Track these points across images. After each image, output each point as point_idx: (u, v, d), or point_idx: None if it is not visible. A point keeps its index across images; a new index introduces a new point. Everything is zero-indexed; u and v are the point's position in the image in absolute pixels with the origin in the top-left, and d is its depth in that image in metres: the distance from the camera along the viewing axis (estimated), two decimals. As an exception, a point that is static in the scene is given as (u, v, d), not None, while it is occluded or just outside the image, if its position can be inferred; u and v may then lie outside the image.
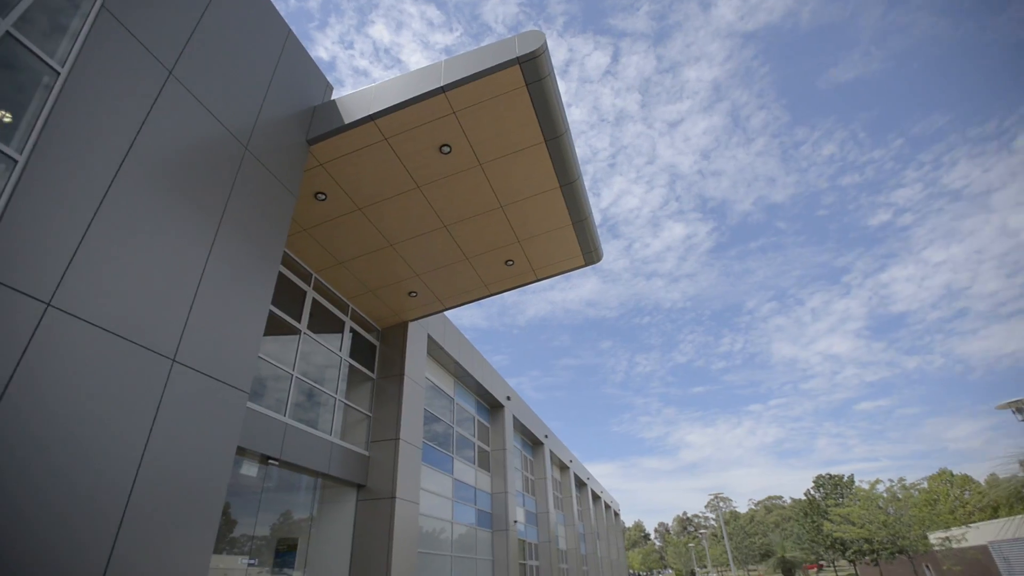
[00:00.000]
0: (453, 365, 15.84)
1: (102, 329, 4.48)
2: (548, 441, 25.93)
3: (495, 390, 18.71)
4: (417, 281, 11.20)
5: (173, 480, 4.86)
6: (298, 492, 10.16)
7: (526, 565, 20.38)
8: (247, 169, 6.55)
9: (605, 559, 39.84)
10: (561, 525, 27.61)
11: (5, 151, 4.12)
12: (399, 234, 9.74)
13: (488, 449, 18.73)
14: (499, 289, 11.70)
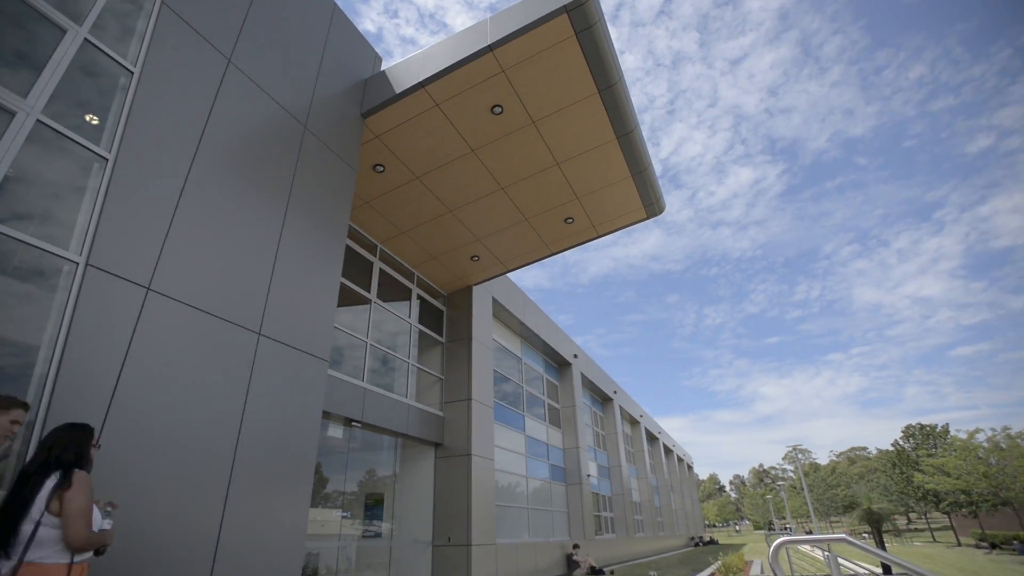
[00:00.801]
0: (519, 326, 16.07)
1: (196, 308, 4.87)
2: (617, 397, 26.03)
3: (561, 349, 18.86)
4: (478, 245, 11.32)
5: (269, 443, 5.30)
6: (381, 451, 10.83)
7: (600, 517, 20.89)
8: (308, 147, 6.77)
9: (680, 511, 40.10)
10: (633, 478, 27.93)
11: (97, 151, 4.47)
12: (457, 200, 9.82)
13: (558, 406, 19.06)
14: (560, 248, 11.62)
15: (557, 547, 15.05)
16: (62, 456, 2.61)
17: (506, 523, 12.89)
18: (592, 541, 17.49)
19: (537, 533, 14.69)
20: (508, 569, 11.69)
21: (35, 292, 3.98)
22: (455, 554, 10.32)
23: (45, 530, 2.33)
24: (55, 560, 2.31)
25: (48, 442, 2.67)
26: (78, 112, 4.48)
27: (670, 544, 31.67)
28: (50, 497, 2.40)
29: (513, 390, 15.65)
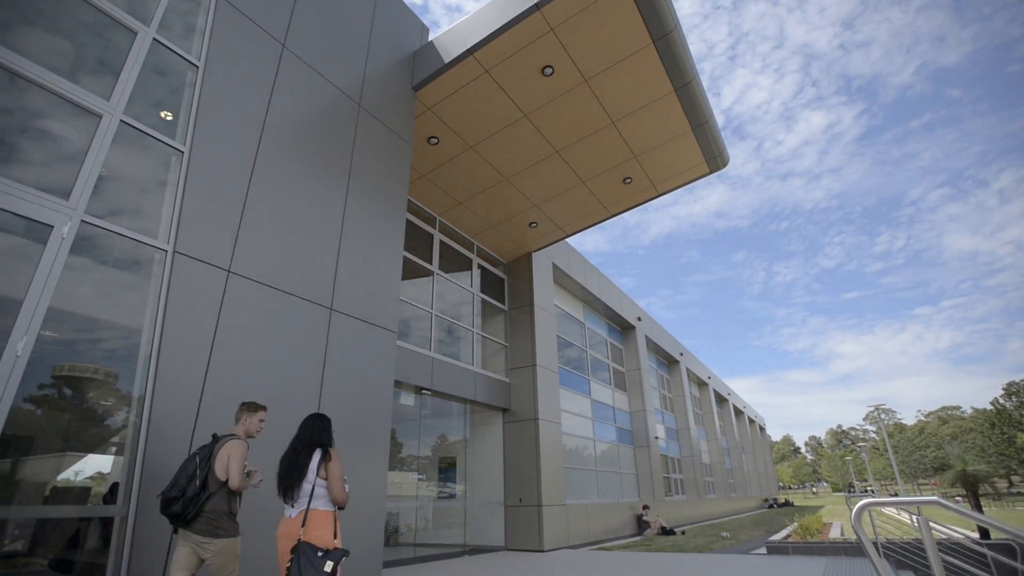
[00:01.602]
0: (580, 291, 15.97)
1: (272, 287, 5.17)
2: (683, 359, 25.54)
3: (624, 312, 18.64)
4: (536, 211, 11.25)
5: (347, 411, 5.62)
6: (451, 417, 11.24)
7: (670, 478, 20.85)
8: (363, 125, 6.89)
9: (752, 472, 39.32)
10: (703, 440, 27.56)
11: (174, 144, 4.75)
12: (512, 167, 9.75)
13: (623, 370, 18.97)
14: (619, 209, 11.34)
15: (627, 508, 15.22)
16: (321, 438, 3.54)
17: (575, 485, 13.13)
18: (662, 502, 17.54)
19: (606, 494, 14.89)
20: (578, 528, 11.97)
21: (134, 280, 4.35)
22: (527, 514, 10.67)
23: (318, 488, 3.37)
24: (325, 508, 3.39)
25: (308, 427, 3.58)
26: (154, 110, 4.76)
27: (742, 506, 31.24)
28: (318, 466, 3.40)
29: (577, 355, 15.69)
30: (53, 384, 3.80)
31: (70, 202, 3.93)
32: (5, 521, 3.58)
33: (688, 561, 8.67)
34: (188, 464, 3.39)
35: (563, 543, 11.04)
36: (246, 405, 3.78)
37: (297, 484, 3.36)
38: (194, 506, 3.26)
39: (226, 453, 3.42)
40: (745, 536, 14.27)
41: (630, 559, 9.09)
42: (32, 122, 3.98)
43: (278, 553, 3.31)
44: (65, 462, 3.91)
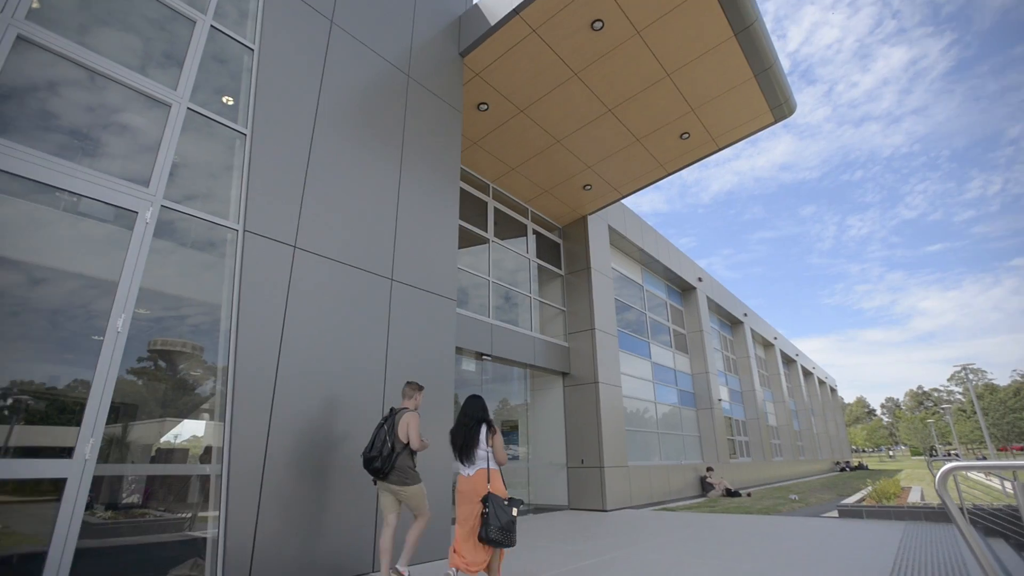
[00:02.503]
0: (638, 252, 15.64)
1: (335, 261, 5.38)
2: (748, 319, 24.68)
3: (684, 273, 18.13)
4: (590, 173, 11.00)
5: (412, 376, 5.84)
6: (511, 382, 11.46)
7: (734, 441, 20.50)
8: (413, 96, 6.91)
9: (822, 435, 37.96)
10: (769, 402, 26.78)
11: (236, 128, 4.95)
12: (564, 128, 9.52)
13: (684, 332, 18.59)
14: (677, 167, 10.90)
15: (690, 470, 15.15)
16: (484, 415, 4.32)
17: (637, 446, 13.17)
18: (727, 464, 17.33)
19: (668, 456, 14.86)
20: (641, 489, 12.07)
21: (211, 259, 4.64)
22: (589, 475, 10.84)
23: (487, 453, 4.19)
24: (494, 467, 4.19)
25: (473, 406, 4.36)
26: (216, 95, 4.96)
27: (812, 469, 30.34)
28: (486, 436, 4.22)
29: (636, 318, 15.49)
30: (149, 357, 4.17)
31: (150, 189, 4.21)
32: (121, 477, 4.02)
33: (755, 523, 8.58)
34: (379, 432, 4.36)
35: (625, 503, 11.18)
36: (413, 385, 4.69)
37: (473, 450, 4.17)
38: (389, 462, 4.26)
39: (406, 423, 4.37)
40: (815, 499, 13.91)
41: (695, 519, 9.10)
42: (112, 117, 4.26)
43: (458, 496, 4.21)
44: (165, 427, 4.32)
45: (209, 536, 4.09)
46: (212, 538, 4.07)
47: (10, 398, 3.53)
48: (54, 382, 3.69)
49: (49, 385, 3.68)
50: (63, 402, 3.66)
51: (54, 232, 3.89)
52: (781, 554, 5.73)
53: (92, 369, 3.64)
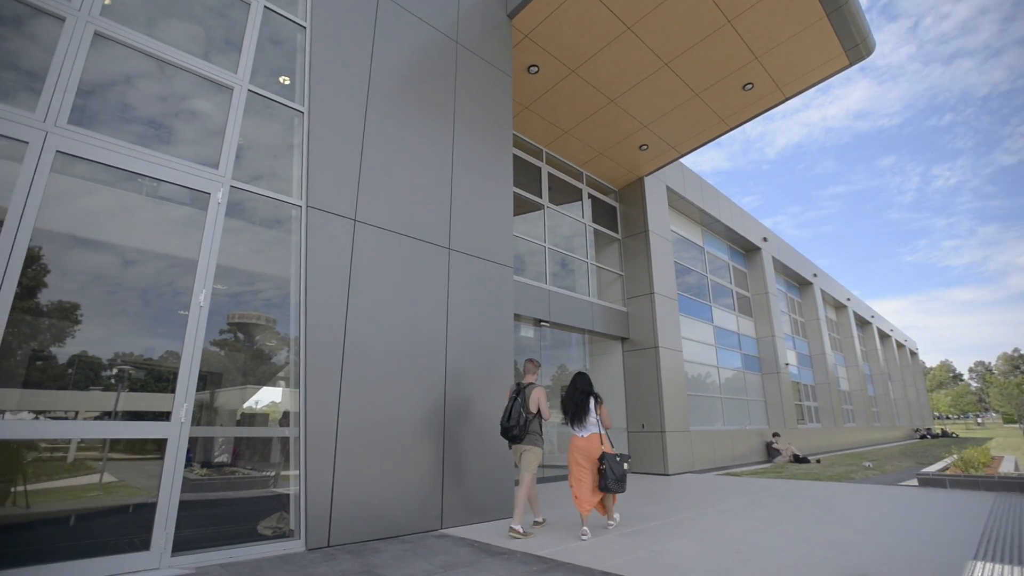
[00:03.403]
0: (698, 213, 15.06)
1: (394, 232, 5.51)
2: (817, 280, 23.40)
3: (748, 233, 17.32)
4: (646, 132, 10.59)
5: (472, 343, 5.98)
6: (570, 348, 11.49)
7: (803, 406, 19.78)
8: (463, 62, 6.83)
9: (900, 400, 35.93)
10: (841, 366, 25.54)
11: (294, 106, 5.09)
12: (618, 87, 9.17)
13: (748, 294, 17.89)
14: (739, 121, 10.29)
15: (755, 435, 14.81)
16: (590, 389, 5.31)
17: (699, 412, 12.98)
18: (794, 430, 16.80)
19: (732, 421, 14.57)
20: (703, 454, 11.94)
21: (278, 236, 4.87)
22: (650, 439, 10.83)
23: (597, 420, 5.16)
24: (602, 431, 5.17)
25: (582, 382, 5.32)
26: (274, 76, 5.10)
27: (888, 435, 28.89)
28: (595, 406, 5.19)
29: (697, 281, 15.04)
30: (229, 329, 4.47)
31: (219, 170, 4.43)
32: (212, 439, 4.40)
33: (826, 490, 8.34)
34: (513, 404, 5.07)
35: (688, 468, 11.12)
36: (534, 361, 5.41)
37: (584, 417, 5.16)
38: (524, 429, 5.00)
39: (536, 396, 5.10)
40: (891, 467, 13.30)
41: (760, 484, 8.94)
42: (182, 104, 4.48)
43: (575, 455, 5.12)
44: (246, 393, 4.66)
45: (292, 492, 4.42)
46: (294, 494, 4.40)
47: (115, 368, 3.91)
48: (150, 353, 4.05)
49: (146, 356, 4.04)
50: (159, 371, 4.02)
51: (140, 216, 4.19)
52: (853, 521, 5.55)
53: (181, 341, 3.96)
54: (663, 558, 4.07)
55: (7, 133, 3.51)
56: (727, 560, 4.01)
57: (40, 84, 3.71)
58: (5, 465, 3.50)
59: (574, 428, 5.22)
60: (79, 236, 3.87)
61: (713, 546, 4.48)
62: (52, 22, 3.85)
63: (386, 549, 4.33)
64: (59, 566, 3.29)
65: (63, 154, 3.71)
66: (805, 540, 4.69)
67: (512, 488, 5.95)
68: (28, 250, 3.45)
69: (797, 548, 4.39)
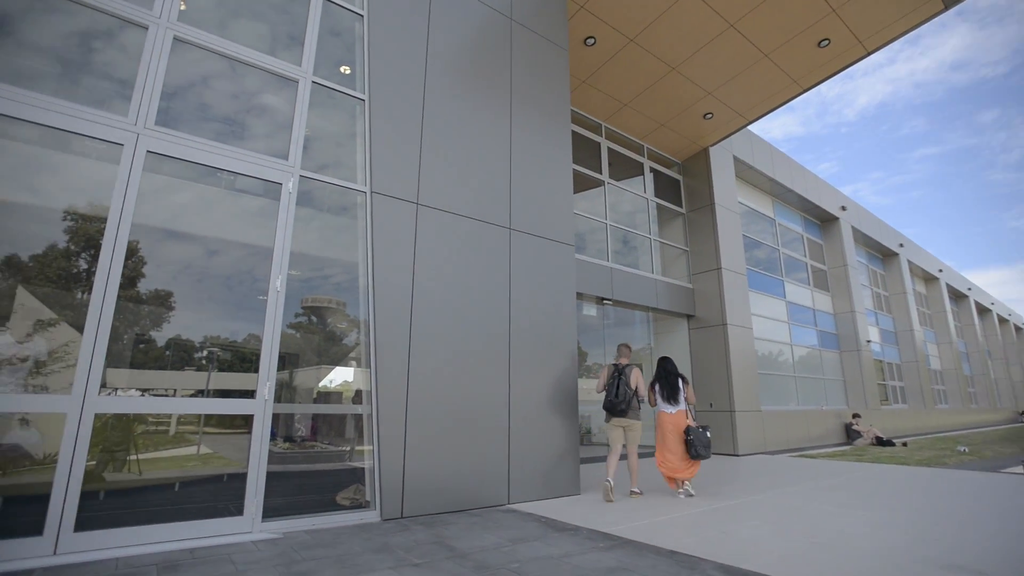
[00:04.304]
0: (768, 183, 14.27)
1: (455, 214, 5.59)
2: (904, 251, 21.66)
3: (824, 202, 16.24)
4: (710, 100, 10.10)
5: (535, 323, 6.01)
6: (633, 326, 11.33)
7: (886, 386, 18.56)
8: (518, 39, 6.74)
9: (1003, 380, 32.92)
10: (931, 343, 23.67)
11: (355, 95, 5.24)
12: (680, 53, 8.76)
13: (824, 268, 16.85)
14: (813, 81, 9.59)
15: (832, 416, 14.08)
16: (678, 371, 6.25)
17: (770, 391, 12.47)
18: (877, 411, 15.81)
19: (807, 401, 13.91)
20: (775, 435, 11.50)
21: (345, 222, 5.07)
22: (719, 419, 10.55)
23: (683, 398, 6.05)
24: (687, 408, 6.06)
25: (671, 366, 6.27)
26: (335, 67, 5.25)
27: (986, 418, 26.58)
28: (683, 386, 6.09)
29: (768, 255, 14.32)
30: (303, 313, 4.74)
31: (289, 161, 4.65)
32: (292, 415, 4.71)
33: (913, 475, 7.83)
34: (618, 383, 5.79)
35: (759, 449, 10.76)
36: (627, 345, 6.20)
37: (676, 395, 6.04)
38: (628, 405, 5.75)
39: (635, 375, 5.84)
40: (990, 452, 12.26)
41: (838, 467, 8.53)
42: (253, 100, 4.72)
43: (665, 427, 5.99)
44: (321, 373, 4.94)
45: (366, 466, 4.67)
46: (369, 468, 4.65)
47: (205, 350, 4.26)
48: (234, 336, 4.37)
49: (231, 338, 4.36)
50: (243, 352, 4.33)
51: (220, 208, 4.49)
52: (945, 509, 5.19)
53: (261, 324, 4.24)
54: (733, 540, 3.99)
55: (105, 137, 3.83)
56: (801, 544, 3.88)
57: (130, 90, 4.01)
58: (121, 437, 3.92)
59: (667, 405, 6.05)
60: (169, 229, 4.20)
61: (786, 530, 4.33)
62: (137, 31, 4.14)
63: (456, 522, 4.50)
64: (170, 526, 3.66)
65: (153, 154, 4.01)
66: (888, 526, 4.44)
67: (577, 466, 6.00)
68: (128, 244, 3.78)
69: (880, 535, 4.17)
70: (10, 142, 3.70)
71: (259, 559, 3.32)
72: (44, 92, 3.69)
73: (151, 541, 3.54)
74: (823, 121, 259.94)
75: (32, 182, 3.83)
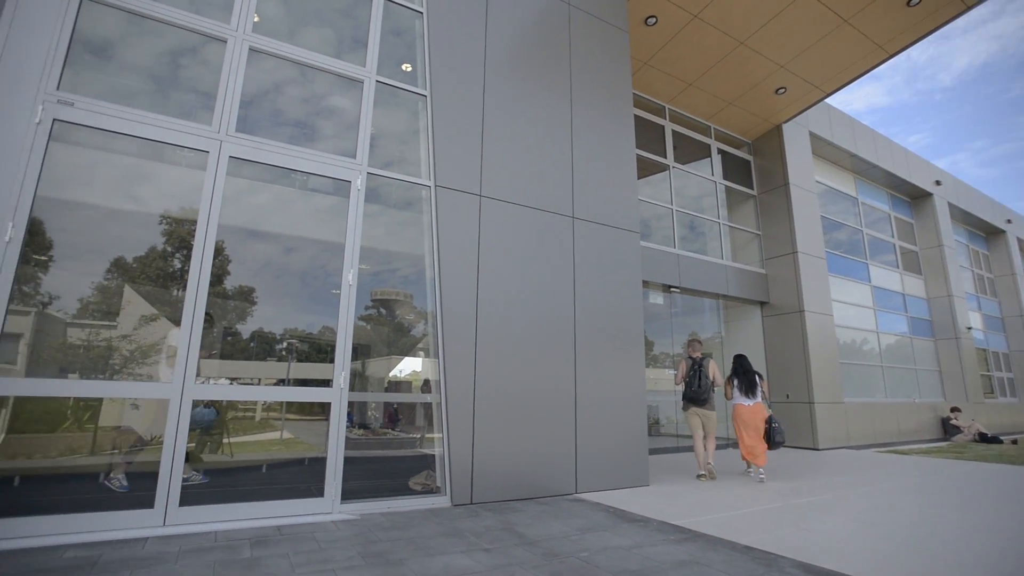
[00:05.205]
0: (849, 160, 13.29)
1: (518, 205, 5.60)
2: (1012, 227, 19.52)
3: (915, 177, 14.92)
4: (783, 73, 9.51)
5: (600, 311, 5.94)
6: (703, 314, 10.95)
7: (991, 377, 16.90)
8: (576, 24, 6.63)
9: None
10: (1048, 327, 21.27)
11: (416, 91, 5.35)
12: (749, 26, 8.30)
13: (915, 249, 15.51)
14: (902, 45, 8.80)
15: (926, 409, 13.01)
16: (754, 368, 6.69)
17: (854, 382, 11.69)
18: (980, 405, 14.43)
19: (896, 393, 12.92)
20: (860, 429, 10.78)
21: (411, 216, 5.22)
22: (797, 411, 10.02)
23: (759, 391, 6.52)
24: (762, 401, 6.51)
25: (748, 363, 6.73)
26: (397, 65, 5.39)
27: (1118, 409, 23.61)
28: (759, 381, 6.55)
29: (849, 237, 13.36)
30: (373, 305, 4.94)
31: (357, 159, 4.83)
32: (365, 403, 4.93)
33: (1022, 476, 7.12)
34: (699, 375, 6.38)
35: (841, 443, 10.14)
36: (698, 340, 6.75)
37: (755, 389, 6.50)
38: (709, 395, 6.36)
39: (712, 368, 6.43)
40: (1120, 448, 10.91)
41: (935, 465, 7.89)
42: (321, 102, 4.94)
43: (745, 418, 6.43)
44: (391, 363, 5.13)
45: (436, 453, 4.82)
46: (439, 455, 4.79)
47: (284, 342, 4.54)
48: (311, 328, 4.63)
49: (308, 330, 4.61)
50: (319, 344, 4.57)
51: (295, 208, 4.74)
52: (1062, 511, 4.68)
53: (335, 317, 4.45)
54: (814, 538, 3.79)
55: (193, 145, 4.14)
56: (892, 545, 3.63)
57: (212, 100, 4.31)
58: (216, 421, 4.27)
59: (746, 398, 6.51)
60: (250, 229, 4.49)
61: (873, 529, 4.06)
62: (217, 45, 4.43)
63: (524, 509, 4.56)
64: (259, 504, 3.94)
65: (234, 159, 4.29)
66: (991, 532, 4.07)
67: (646, 456, 5.90)
68: (215, 244, 4.08)
69: (981, 540, 3.83)
70: (115, 155, 4.08)
71: (339, 538, 3.52)
72: (141, 107, 4.03)
73: (243, 517, 3.83)
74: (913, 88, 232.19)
75: (133, 190, 4.21)
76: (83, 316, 3.92)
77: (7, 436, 3.46)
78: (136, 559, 2.96)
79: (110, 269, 3.97)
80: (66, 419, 3.76)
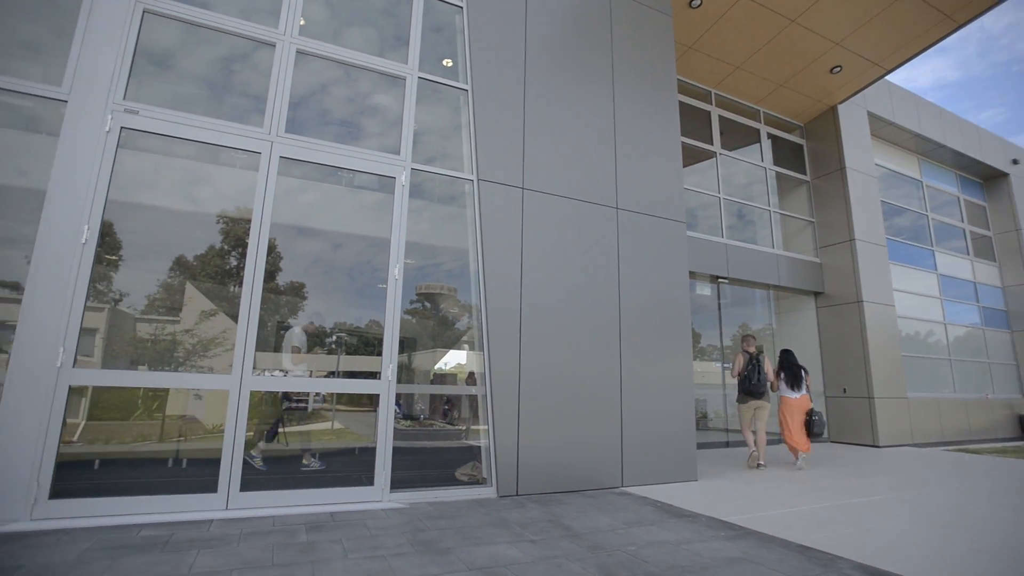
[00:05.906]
0: (913, 140, 12.50)
1: (561, 196, 5.57)
2: (1102, 207, 17.90)
3: (987, 157, 13.89)
4: (838, 51, 9.03)
5: (646, 303, 5.85)
6: (753, 305, 10.59)
7: (1078, 368, 15.59)
8: (617, 9, 6.50)
9: None
10: None
11: (458, 86, 5.39)
12: (800, 2, 7.92)
13: (988, 234, 14.47)
14: (974, 13, 8.18)
15: (1001, 406, 12.17)
16: (799, 363, 7.06)
17: (918, 376, 11.05)
18: (1063, 398, 13.38)
19: (966, 388, 12.13)
20: (926, 426, 10.20)
21: (455, 211, 5.27)
22: (854, 406, 9.58)
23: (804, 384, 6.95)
24: (807, 394, 6.93)
25: (793, 358, 7.07)
26: (438, 61, 5.43)
27: None
28: (804, 376, 6.97)
29: (913, 222, 12.60)
30: (418, 299, 5.02)
31: (401, 155, 4.91)
32: (411, 395, 5.04)
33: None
34: (757, 370, 6.77)
35: (904, 440, 9.63)
36: (752, 336, 7.07)
37: (800, 383, 6.88)
38: (766, 388, 6.81)
39: (768, 363, 6.86)
40: None
41: (1011, 465, 7.38)
42: (366, 100, 5.04)
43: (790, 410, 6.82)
44: (436, 356, 5.22)
45: (482, 444, 4.87)
46: (485, 446, 4.84)
47: (334, 336, 4.68)
48: (359, 322, 4.76)
49: (356, 325, 4.75)
50: (367, 337, 4.70)
51: (342, 205, 4.87)
52: None
53: (382, 311, 4.56)
54: (873, 538, 3.62)
55: (246, 147, 4.32)
56: (958, 549, 3.42)
57: (263, 103, 4.47)
58: (273, 411, 4.47)
59: (792, 391, 6.88)
60: (300, 226, 4.65)
61: (939, 531, 3.85)
62: (266, 50, 4.59)
63: (570, 502, 4.56)
64: (313, 491, 4.10)
65: (285, 159, 4.45)
66: (1080, 533, 3.77)
67: (694, 451, 5.78)
68: (268, 241, 4.25)
69: (1067, 541, 3.56)
70: (175, 159, 4.31)
71: (389, 525, 3.62)
72: (197, 112, 4.23)
73: (298, 503, 4.00)
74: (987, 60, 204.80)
75: (192, 192, 4.43)
76: (150, 312, 4.18)
77: (87, 423, 3.73)
78: (203, 539, 3.14)
79: (173, 267, 4.20)
80: (137, 408, 4.02)
